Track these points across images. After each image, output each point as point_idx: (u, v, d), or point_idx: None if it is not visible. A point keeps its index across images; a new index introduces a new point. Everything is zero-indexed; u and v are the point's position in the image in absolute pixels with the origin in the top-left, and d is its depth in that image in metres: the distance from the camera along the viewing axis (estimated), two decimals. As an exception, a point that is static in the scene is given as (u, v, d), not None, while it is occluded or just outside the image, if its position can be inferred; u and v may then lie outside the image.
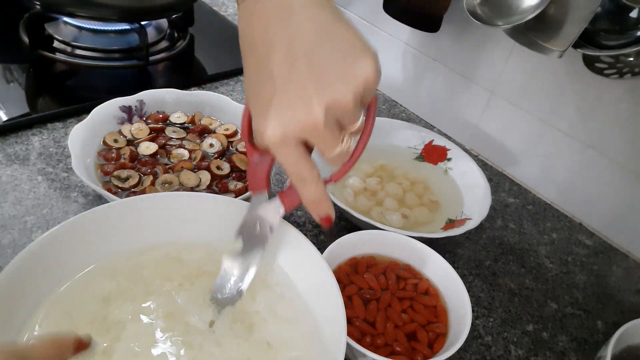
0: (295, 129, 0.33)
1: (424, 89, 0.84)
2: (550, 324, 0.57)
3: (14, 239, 0.52)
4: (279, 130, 0.33)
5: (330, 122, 0.33)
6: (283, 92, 0.32)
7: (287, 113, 0.33)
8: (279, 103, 0.33)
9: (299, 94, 0.32)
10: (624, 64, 0.56)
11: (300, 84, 0.32)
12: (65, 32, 0.79)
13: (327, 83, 0.32)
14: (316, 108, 0.32)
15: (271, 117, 0.33)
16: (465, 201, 0.65)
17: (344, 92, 0.32)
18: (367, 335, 0.46)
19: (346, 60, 0.32)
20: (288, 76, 0.32)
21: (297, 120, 0.32)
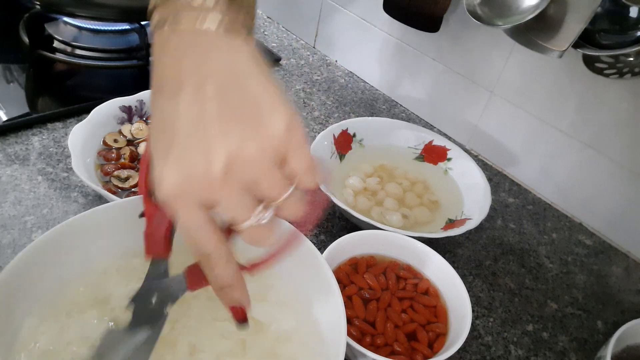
0: (192, 183, 0.27)
1: (424, 89, 0.84)
2: (550, 324, 0.57)
3: (14, 239, 0.52)
4: (175, 183, 0.28)
5: (234, 183, 0.28)
6: (185, 139, 0.28)
7: (186, 164, 0.27)
8: (179, 152, 0.28)
9: (201, 142, 0.27)
10: (624, 64, 0.56)
11: (203, 132, 0.27)
12: (65, 32, 0.79)
13: (232, 134, 0.27)
14: (215, 160, 0.27)
15: (168, 167, 0.28)
16: (465, 201, 0.65)
17: (249, 146, 0.27)
18: (367, 335, 0.46)
19: (255, 111, 0.28)
20: (192, 122, 0.28)
21: (195, 174, 0.27)
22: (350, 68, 0.95)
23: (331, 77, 0.92)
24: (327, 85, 0.89)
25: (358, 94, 0.89)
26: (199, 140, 0.28)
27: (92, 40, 0.79)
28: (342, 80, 0.92)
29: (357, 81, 0.92)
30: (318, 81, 0.90)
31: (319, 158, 0.29)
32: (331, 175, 0.33)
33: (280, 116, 0.28)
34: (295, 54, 0.96)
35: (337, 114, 0.83)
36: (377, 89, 0.91)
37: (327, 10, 0.93)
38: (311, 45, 1.00)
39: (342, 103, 0.86)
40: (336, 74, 0.93)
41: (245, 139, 0.28)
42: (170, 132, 0.28)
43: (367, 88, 0.91)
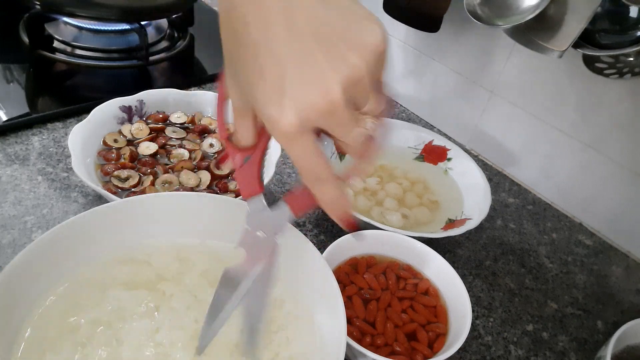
0: (314, 113, 0.28)
1: (424, 89, 0.84)
2: (550, 324, 0.57)
3: (14, 239, 0.52)
4: (296, 118, 0.28)
5: (349, 103, 0.29)
6: (293, 72, 0.28)
7: (303, 96, 0.28)
8: (292, 85, 0.28)
9: (311, 72, 0.28)
10: (624, 64, 0.56)
11: (310, 61, 0.28)
12: (65, 32, 0.79)
13: (339, 56, 0.28)
14: (333, 86, 0.28)
15: (286, 103, 0.28)
16: (465, 201, 0.65)
17: (357, 64, 0.28)
18: (367, 335, 0.46)
19: (353, 29, 0.28)
20: (295, 54, 0.28)
21: (315, 103, 0.28)
22: (350, 68, 0.95)
23: (331, 77, 0.92)
24: (327, 85, 0.89)
25: (358, 94, 0.89)
26: (312, 71, 0.28)
27: (92, 40, 0.79)
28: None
29: (357, 81, 0.92)
30: (318, 81, 0.90)
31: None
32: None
33: (373, 28, 0.29)
34: (295, 54, 0.96)
35: (337, 114, 0.82)
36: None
37: (327, 10, 0.93)
38: (311, 45, 0.99)
39: (342, 103, 0.85)
40: (336, 74, 0.93)
41: (352, 60, 0.28)
42: (274, 72, 0.28)
43: (367, 88, 0.91)
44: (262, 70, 0.29)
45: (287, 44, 0.28)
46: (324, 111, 0.28)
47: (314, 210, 0.63)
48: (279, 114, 0.28)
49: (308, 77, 0.28)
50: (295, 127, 0.28)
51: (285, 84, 0.28)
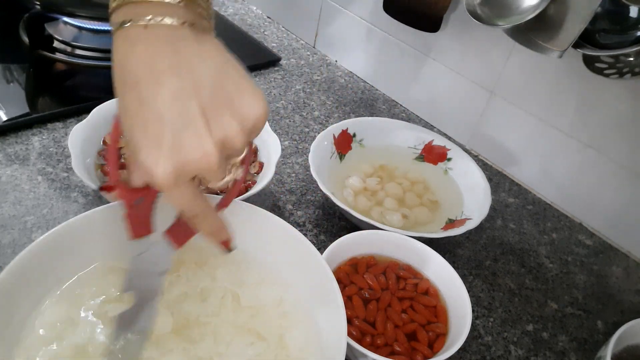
0: (190, 169, 0.31)
1: (424, 89, 0.84)
2: (550, 324, 0.57)
3: (14, 239, 0.52)
4: (172, 171, 0.31)
5: (222, 158, 0.32)
6: (174, 130, 0.30)
7: (180, 153, 0.31)
8: (171, 142, 0.30)
9: (191, 132, 0.31)
10: (624, 64, 0.56)
11: (192, 122, 0.31)
12: (65, 32, 0.79)
13: (220, 122, 0.31)
14: (210, 147, 0.31)
15: (163, 158, 0.30)
16: (465, 201, 0.65)
17: (236, 131, 0.32)
18: (367, 335, 0.46)
19: (238, 100, 0.32)
20: (179, 114, 0.30)
21: (191, 160, 0.31)
22: (350, 68, 0.95)
23: (331, 77, 0.92)
24: (327, 85, 0.89)
25: (358, 94, 0.89)
26: (191, 130, 0.31)
27: (92, 40, 0.79)
28: (342, 80, 0.92)
29: (357, 81, 0.92)
30: (318, 81, 0.90)
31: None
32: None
33: (257, 104, 0.33)
34: (295, 54, 0.96)
35: (337, 114, 0.83)
36: (377, 89, 0.91)
37: (327, 10, 0.93)
38: (311, 45, 1.00)
39: (342, 103, 0.86)
40: (336, 74, 0.93)
41: (232, 128, 0.32)
42: (157, 126, 0.31)
43: (367, 88, 0.91)
44: (145, 124, 0.31)
45: (173, 105, 0.31)
46: (200, 169, 0.32)
47: (314, 210, 0.63)
48: (155, 166, 0.31)
49: (187, 137, 0.31)
50: (171, 180, 0.31)
51: (164, 140, 0.30)
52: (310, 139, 0.73)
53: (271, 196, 0.64)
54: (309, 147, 0.63)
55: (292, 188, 0.66)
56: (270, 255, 0.45)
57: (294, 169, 0.69)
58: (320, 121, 0.80)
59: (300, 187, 0.67)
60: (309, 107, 0.83)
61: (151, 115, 0.31)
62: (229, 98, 0.32)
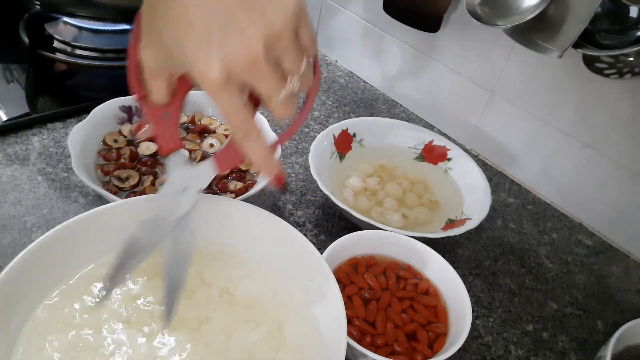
0: (237, 65, 0.31)
1: (424, 89, 0.84)
2: (550, 324, 0.57)
3: (14, 239, 0.52)
4: (221, 69, 0.30)
5: (270, 58, 0.31)
6: (219, 27, 0.30)
7: (228, 48, 0.30)
8: (218, 38, 0.30)
9: (234, 27, 0.30)
10: (624, 64, 0.56)
11: (233, 17, 0.30)
12: (65, 32, 0.79)
13: (259, 13, 0.30)
14: (254, 40, 0.30)
15: (213, 55, 0.30)
16: (465, 201, 0.65)
17: (276, 20, 0.30)
18: (367, 335, 0.46)
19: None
20: (221, 11, 0.30)
21: (238, 56, 0.30)
22: (350, 68, 0.95)
23: (331, 77, 0.92)
24: (327, 85, 0.89)
25: (358, 94, 0.89)
26: (235, 27, 0.30)
27: (92, 40, 0.79)
28: (342, 80, 0.92)
29: (357, 81, 0.92)
30: (318, 81, 0.90)
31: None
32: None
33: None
34: (295, 54, 0.96)
35: (337, 114, 0.83)
36: (377, 89, 0.91)
37: (327, 10, 0.93)
38: (311, 45, 0.99)
39: (342, 103, 0.86)
40: (336, 74, 0.93)
41: (271, 17, 0.30)
42: (200, 26, 0.30)
43: (367, 88, 0.91)
44: (191, 24, 0.31)
45: (213, 3, 0.30)
46: (246, 63, 0.31)
47: (314, 210, 0.63)
48: (207, 65, 0.31)
49: (231, 32, 0.30)
50: (221, 78, 0.31)
51: (212, 37, 0.30)
52: (310, 139, 0.73)
53: (271, 196, 0.64)
54: (309, 147, 0.63)
55: (292, 188, 0.66)
56: (270, 255, 0.45)
57: (294, 169, 0.69)
58: (320, 121, 0.80)
59: (300, 187, 0.67)
60: (309, 107, 0.82)
61: (196, 14, 0.30)
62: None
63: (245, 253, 0.46)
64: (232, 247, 0.46)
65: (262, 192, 0.58)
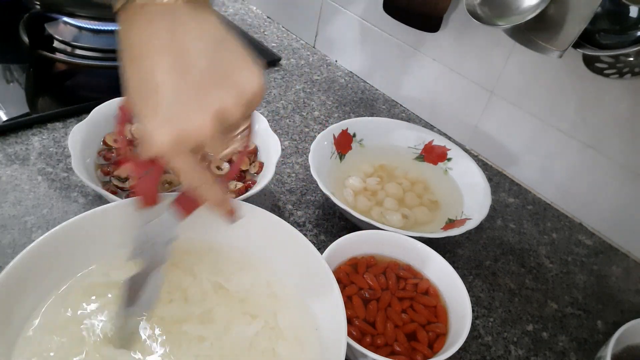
0: (185, 139, 0.33)
1: (424, 89, 0.84)
2: (550, 324, 0.57)
3: (14, 239, 0.52)
4: (169, 141, 0.33)
5: (217, 130, 0.33)
6: (171, 103, 0.32)
7: (177, 124, 0.33)
8: (168, 114, 0.33)
9: (188, 105, 0.32)
10: (624, 64, 0.56)
11: (189, 95, 0.32)
12: (65, 32, 0.79)
13: (215, 95, 0.33)
14: (206, 119, 0.32)
15: (160, 128, 0.33)
16: (465, 201, 0.65)
17: (232, 103, 0.33)
18: (367, 335, 0.46)
19: (235, 74, 0.33)
20: (176, 87, 0.32)
21: (187, 131, 0.33)
22: (350, 68, 0.95)
23: (331, 77, 0.92)
24: (327, 85, 0.89)
25: (358, 94, 0.89)
26: (189, 103, 0.32)
27: (92, 40, 0.79)
28: (342, 80, 0.92)
29: (357, 81, 0.92)
30: (318, 81, 0.90)
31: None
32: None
33: (253, 77, 0.34)
34: (295, 54, 0.96)
35: (337, 114, 0.83)
36: (377, 89, 0.91)
37: (327, 10, 0.93)
38: (311, 45, 1.00)
39: (342, 103, 0.86)
40: (336, 74, 0.93)
41: (229, 98, 0.33)
42: (155, 98, 0.32)
43: (367, 88, 0.91)
44: (146, 96, 0.33)
45: (171, 79, 0.33)
46: (196, 140, 0.33)
47: (314, 210, 0.63)
48: (154, 134, 0.33)
49: (183, 110, 0.32)
50: (168, 146, 0.33)
51: (162, 112, 0.32)
52: (310, 139, 0.73)
53: (271, 196, 0.64)
54: (309, 147, 0.64)
55: (292, 188, 0.66)
56: (269, 255, 0.45)
57: (294, 169, 0.69)
58: (320, 121, 0.80)
59: (300, 187, 0.67)
60: (309, 107, 0.83)
61: (149, 88, 0.33)
62: (224, 73, 0.33)
63: (244, 253, 0.46)
64: (232, 247, 0.46)
65: (262, 193, 0.58)
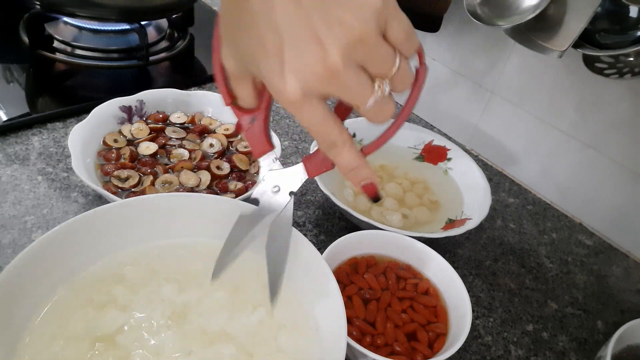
0: (315, 80, 0.29)
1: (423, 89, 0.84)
2: (550, 324, 0.57)
3: (14, 239, 0.52)
4: (298, 86, 0.29)
5: (352, 66, 0.29)
6: (292, 40, 0.28)
7: (303, 64, 0.28)
8: (293, 54, 0.28)
9: (309, 38, 0.28)
10: (624, 64, 0.56)
11: (308, 26, 0.28)
12: (65, 32, 0.79)
13: (335, 20, 0.28)
14: (330, 51, 0.28)
15: (287, 72, 0.29)
16: (465, 201, 0.65)
17: (354, 26, 0.28)
18: (367, 335, 0.46)
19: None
20: (293, 22, 0.28)
21: (314, 70, 0.28)
22: (350, 68, 0.94)
23: (331, 77, 0.92)
24: (327, 85, 0.89)
25: (358, 94, 0.89)
26: (309, 38, 0.28)
27: (92, 40, 0.79)
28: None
29: (357, 81, 0.92)
30: (318, 81, 0.90)
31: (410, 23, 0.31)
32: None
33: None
34: (295, 54, 0.96)
35: (337, 114, 0.83)
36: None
37: (327, 10, 0.93)
38: (311, 45, 0.99)
39: (342, 103, 0.86)
40: (336, 74, 0.93)
41: (349, 21, 0.28)
42: (274, 42, 0.28)
43: (367, 88, 0.91)
44: (262, 40, 0.29)
45: (285, 13, 0.28)
46: (324, 77, 0.28)
47: (314, 210, 0.63)
48: (282, 84, 0.29)
49: (306, 44, 0.28)
50: (298, 96, 0.29)
51: (285, 53, 0.28)
52: (310, 139, 0.73)
53: (271, 196, 0.64)
54: (309, 147, 0.64)
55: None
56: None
57: (294, 169, 0.69)
58: (320, 121, 0.80)
59: (300, 187, 0.66)
60: (309, 107, 0.82)
61: (267, 29, 0.29)
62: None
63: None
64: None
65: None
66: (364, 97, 0.30)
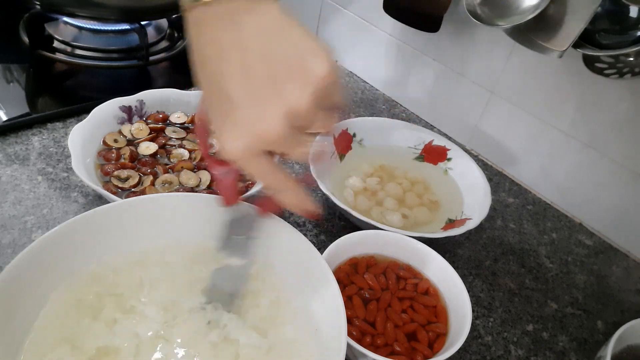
0: (256, 143, 0.32)
1: (424, 89, 0.84)
2: (550, 324, 0.57)
3: (14, 239, 0.52)
4: (240, 146, 0.32)
5: (289, 130, 0.32)
6: (239, 107, 0.32)
7: (247, 128, 0.32)
8: (237, 119, 0.32)
9: (255, 107, 0.31)
10: (624, 64, 0.56)
11: (255, 96, 0.31)
12: (65, 32, 0.79)
13: (282, 91, 0.31)
14: (275, 120, 0.31)
15: (232, 132, 0.32)
16: (465, 201, 0.65)
17: (300, 97, 0.31)
18: (367, 335, 0.46)
19: (298, 62, 0.31)
20: (243, 90, 0.31)
21: (257, 135, 0.32)
22: (350, 68, 0.95)
23: (331, 77, 0.92)
24: (327, 85, 0.89)
25: (358, 94, 0.89)
26: (256, 105, 0.31)
27: (92, 40, 0.79)
28: (342, 80, 0.92)
29: (357, 81, 0.92)
30: (318, 81, 0.90)
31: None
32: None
33: (319, 61, 0.31)
34: (295, 54, 0.96)
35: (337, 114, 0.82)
36: (377, 89, 0.91)
37: (327, 10, 0.93)
38: (311, 45, 0.99)
39: (342, 103, 0.85)
40: (336, 74, 0.93)
41: (295, 92, 0.31)
42: (226, 102, 0.32)
43: (367, 88, 0.91)
44: (216, 101, 0.33)
45: (237, 81, 0.31)
46: (267, 141, 0.32)
47: (314, 210, 0.63)
48: (225, 141, 0.33)
49: (251, 112, 0.32)
50: (240, 153, 0.32)
51: (234, 114, 0.32)
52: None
53: (271, 196, 0.64)
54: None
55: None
56: (269, 255, 0.45)
57: (294, 169, 0.69)
58: (320, 121, 0.80)
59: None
60: (309, 107, 0.82)
61: (221, 93, 0.32)
62: (288, 66, 0.31)
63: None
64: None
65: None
66: (298, 149, 0.34)
